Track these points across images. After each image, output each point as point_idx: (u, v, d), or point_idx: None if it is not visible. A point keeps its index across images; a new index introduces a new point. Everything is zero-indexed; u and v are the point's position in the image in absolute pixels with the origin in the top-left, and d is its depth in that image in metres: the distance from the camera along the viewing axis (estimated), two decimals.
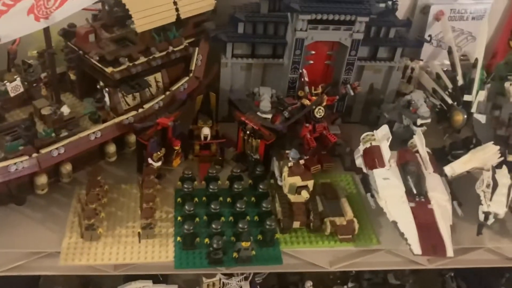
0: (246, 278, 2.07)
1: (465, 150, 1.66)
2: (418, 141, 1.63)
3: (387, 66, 1.84)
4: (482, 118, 1.66)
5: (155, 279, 1.98)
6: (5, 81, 1.39)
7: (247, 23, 1.71)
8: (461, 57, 2.00)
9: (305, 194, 1.43)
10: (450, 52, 1.86)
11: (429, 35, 1.98)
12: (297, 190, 1.44)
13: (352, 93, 1.73)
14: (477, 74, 1.74)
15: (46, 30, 1.38)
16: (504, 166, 1.56)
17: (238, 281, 2.02)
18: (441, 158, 1.69)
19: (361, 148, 1.65)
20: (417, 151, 1.61)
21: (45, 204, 1.48)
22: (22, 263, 1.36)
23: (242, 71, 1.79)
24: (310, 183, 1.45)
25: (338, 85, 1.77)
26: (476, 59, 1.76)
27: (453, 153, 1.73)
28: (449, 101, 1.82)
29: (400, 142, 1.74)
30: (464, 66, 1.89)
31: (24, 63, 1.70)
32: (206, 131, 1.64)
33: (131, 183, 1.58)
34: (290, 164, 1.46)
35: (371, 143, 1.63)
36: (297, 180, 1.44)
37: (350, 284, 2.32)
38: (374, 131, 1.67)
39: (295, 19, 1.61)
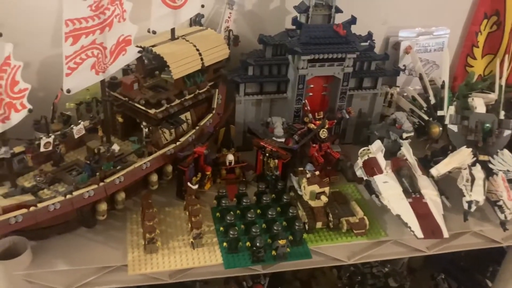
0: None
1: (444, 156, 2.01)
2: (406, 151, 1.98)
3: (371, 93, 2.21)
4: (454, 128, 2.03)
5: None
6: (72, 125, 1.66)
7: (256, 66, 2.05)
8: (430, 82, 2.42)
9: (324, 198, 1.74)
10: (421, 78, 2.26)
11: (404, 65, 2.39)
12: (317, 196, 1.74)
13: (347, 117, 2.08)
14: (446, 93, 2.13)
15: (102, 82, 1.67)
16: (477, 164, 1.92)
17: None
18: (425, 165, 2.03)
19: (360, 161, 1.98)
20: (406, 159, 1.96)
21: (104, 229, 1.72)
22: (94, 278, 1.59)
23: (253, 106, 2.12)
24: (327, 189, 1.76)
25: (334, 111, 2.12)
26: (443, 81, 2.16)
27: (434, 160, 2.08)
28: (425, 117, 2.20)
29: (390, 154, 2.08)
30: (433, 89, 2.30)
31: (63, 115, 1.99)
32: (230, 157, 1.94)
33: (173, 206, 1.84)
34: (308, 175, 1.77)
35: (368, 156, 1.97)
36: (315, 188, 1.75)
37: None
38: (369, 146, 2.01)
39: (296, 60, 1.97)
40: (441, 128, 2.12)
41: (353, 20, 1.98)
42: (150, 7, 1.74)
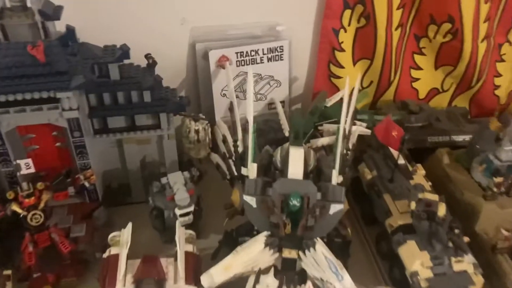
0: None
1: (251, 236, 1.28)
2: (177, 238, 1.24)
3: (155, 134, 1.45)
4: (252, 201, 1.26)
5: None
6: None
7: None
8: (270, 106, 1.65)
9: None
10: (231, 109, 1.46)
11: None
12: None
13: (88, 185, 1.32)
14: (250, 140, 1.32)
15: None
16: (271, 270, 1.17)
17: None
18: (229, 245, 1.30)
19: (106, 255, 1.24)
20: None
21: None
22: None
23: None
24: None
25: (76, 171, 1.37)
26: (247, 121, 1.35)
27: (240, 240, 1.34)
28: (234, 172, 1.42)
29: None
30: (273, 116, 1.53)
31: None
32: None
33: None
34: None
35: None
36: None
37: None
38: (122, 230, 1.27)
39: None
40: None
41: (68, 34, 1.19)
42: None
